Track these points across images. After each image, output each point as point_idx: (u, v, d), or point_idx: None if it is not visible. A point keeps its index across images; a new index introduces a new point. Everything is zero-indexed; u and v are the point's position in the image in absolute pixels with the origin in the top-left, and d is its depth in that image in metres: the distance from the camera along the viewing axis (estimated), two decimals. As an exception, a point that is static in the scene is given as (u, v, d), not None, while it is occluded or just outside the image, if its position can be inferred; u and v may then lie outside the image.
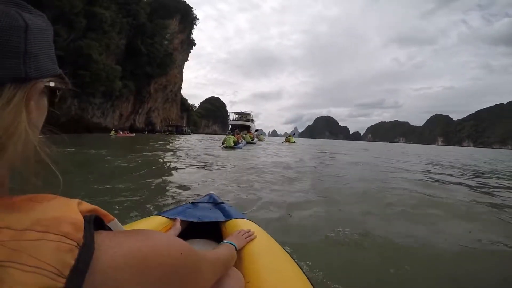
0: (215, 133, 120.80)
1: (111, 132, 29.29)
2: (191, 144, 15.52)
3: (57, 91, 0.34)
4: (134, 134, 38.77)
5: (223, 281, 0.63)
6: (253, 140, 17.33)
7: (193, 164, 6.27)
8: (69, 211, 0.27)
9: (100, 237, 0.28)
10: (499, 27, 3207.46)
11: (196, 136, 42.55)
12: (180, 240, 0.36)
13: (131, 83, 41.31)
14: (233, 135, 14.89)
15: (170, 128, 64.52)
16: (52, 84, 0.32)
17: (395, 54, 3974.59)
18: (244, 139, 16.66)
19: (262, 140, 24.73)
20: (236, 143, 13.25)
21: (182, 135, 46.75)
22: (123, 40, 40.80)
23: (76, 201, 0.30)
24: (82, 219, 0.27)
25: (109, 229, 0.32)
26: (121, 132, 33.22)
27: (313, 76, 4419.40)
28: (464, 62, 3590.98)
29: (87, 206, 0.30)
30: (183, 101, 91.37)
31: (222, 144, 12.95)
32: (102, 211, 0.33)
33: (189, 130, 71.66)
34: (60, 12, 22.89)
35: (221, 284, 0.62)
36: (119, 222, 0.36)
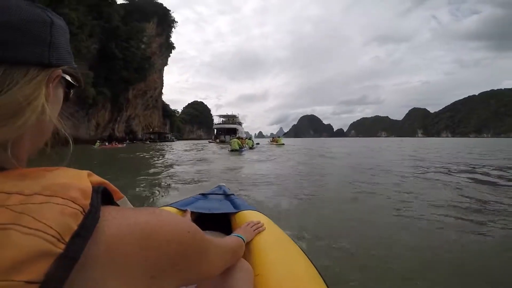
0: (200, 138, 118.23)
1: (95, 144, 25.49)
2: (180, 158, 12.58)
3: (71, 88, 0.37)
4: (124, 144, 33.20)
5: (233, 273, 0.63)
6: (242, 148, 14.89)
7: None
8: (78, 179, 0.28)
9: (107, 209, 0.28)
10: (468, 24, 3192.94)
11: (181, 143, 40.12)
12: (188, 221, 0.36)
13: (106, 89, 38.53)
14: (238, 139, 16.31)
15: (152, 136, 61.70)
16: (68, 77, 0.35)
17: (374, 52, 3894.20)
18: (247, 144, 18.45)
19: (252, 147, 19.09)
20: (241, 147, 14.67)
21: (166, 143, 44.28)
22: (96, 44, 38.03)
23: (86, 172, 0.30)
24: (90, 186, 0.28)
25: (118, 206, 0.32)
26: (107, 143, 28.76)
27: (297, 77, 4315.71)
28: (438, 57, 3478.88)
29: (97, 178, 0.31)
30: (165, 107, 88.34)
31: (229, 148, 14.47)
32: (112, 187, 0.33)
33: (173, 137, 68.91)
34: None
35: (231, 276, 0.62)
36: (128, 201, 0.36)
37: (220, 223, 1.22)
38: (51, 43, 0.31)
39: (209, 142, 40.08)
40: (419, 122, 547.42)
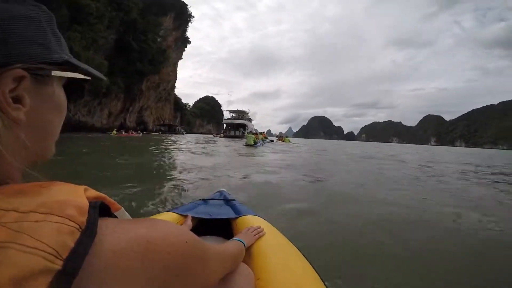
0: (210, 133, 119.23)
1: (112, 132, 27.68)
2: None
3: (85, 81, 0.33)
4: (140, 133, 34.98)
5: (233, 278, 0.62)
6: (256, 143, 15.96)
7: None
8: (75, 195, 0.27)
9: (105, 223, 0.27)
10: (494, 31, 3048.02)
11: (190, 136, 40.72)
12: (186, 230, 0.36)
13: (120, 80, 39.43)
14: (254, 134, 18.17)
15: (162, 128, 62.81)
16: (55, 73, 0.31)
17: (393, 55, 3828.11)
18: (261, 140, 19.77)
19: (264, 141, 21.24)
20: (255, 142, 15.72)
21: (175, 135, 45.04)
22: (113, 35, 38.94)
23: (83, 187, 0.30)
24: (87, 203, 0.27)
25: (116, 218, 0.32)
26: (123, 132, 30.75)
27: (311, 76, 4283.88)
28: (458, 64, 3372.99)
29: (93, 193, 0.30)
30: (177, 100, 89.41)
31: (245, 143, 15.75)
32: (109, 199, 0.32)
33: (182, 130, 70.01)
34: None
35: (231, 281, 0.61)
36: (126, 212, 0.35)
37: (221, 228, 1.21)
38: None
39: (214, 136, 39.85)
40: (433, 130, 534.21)
